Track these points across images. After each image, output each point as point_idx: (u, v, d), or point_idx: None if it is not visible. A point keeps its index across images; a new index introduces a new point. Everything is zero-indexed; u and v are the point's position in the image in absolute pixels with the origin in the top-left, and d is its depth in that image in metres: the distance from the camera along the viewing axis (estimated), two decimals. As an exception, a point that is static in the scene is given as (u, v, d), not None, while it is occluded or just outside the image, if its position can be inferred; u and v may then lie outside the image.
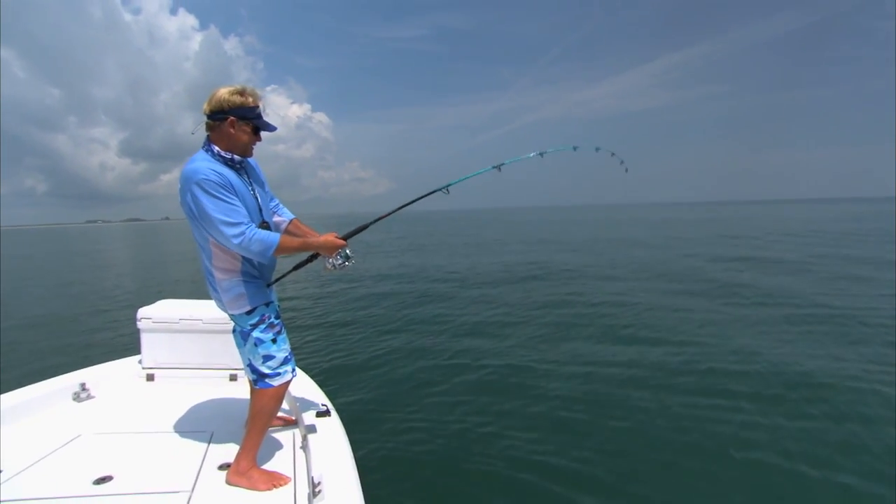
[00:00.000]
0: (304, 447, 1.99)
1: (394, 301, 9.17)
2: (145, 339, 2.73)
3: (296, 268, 2.09)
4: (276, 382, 1.88)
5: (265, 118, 1.86)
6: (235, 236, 1.68)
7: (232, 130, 1.77)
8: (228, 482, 1.80)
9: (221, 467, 1.89)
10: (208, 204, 1.67)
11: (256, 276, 1.88)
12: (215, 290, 1.87)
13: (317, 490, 1.57)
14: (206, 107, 1.77)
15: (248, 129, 1.80)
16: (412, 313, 8.06)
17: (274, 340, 1.89)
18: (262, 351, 1.87)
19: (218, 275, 1.82)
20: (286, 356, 1.93)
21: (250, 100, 1.78)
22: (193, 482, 1.78)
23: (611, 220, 47.18)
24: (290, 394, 2.48)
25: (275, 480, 1.78)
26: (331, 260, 1.95)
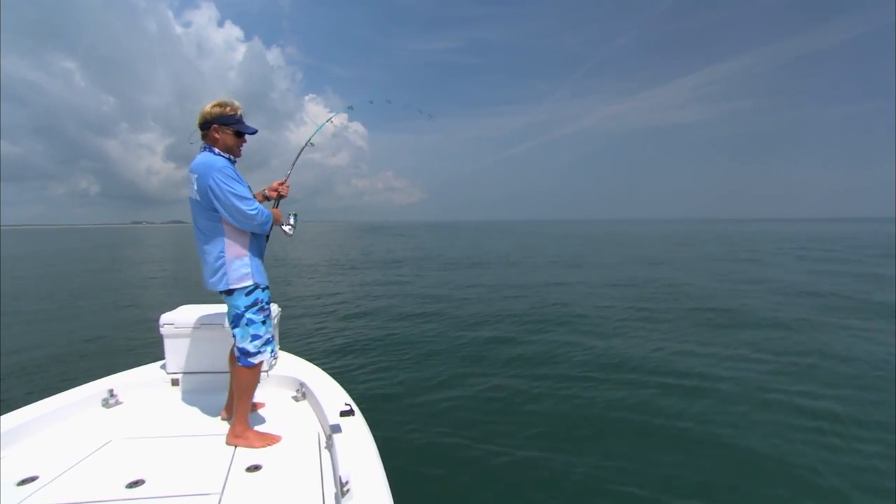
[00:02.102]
0: (330, 447, 2.00)
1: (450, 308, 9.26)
2: (169, 345, 2.77)
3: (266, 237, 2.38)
4: (256, 360, 2.18)
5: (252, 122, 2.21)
6: (252, 209, 2.05)
7: (217, 136, 2.11)
8: (228, 443, 2.10)
9: (249, 469, 1.92)
10: (232, 185, 2.02)
11: (258, 255, 2.21)
12: (222, 269, 2.09)
13: (345, 489, 1.57)
14: (197, 121, 2.12)
15: (230, 133, 2.13)
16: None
17: (263, 322, 2.21)
18: (251, 330, 2.17)
19: (229, 253, 2.09)
20: (269, 338, 2.24)
21: (228, 109, 2.12)
22: (223, 484, 1.80)
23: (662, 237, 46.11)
24: (311, 391, 2.54)
25: (268, 439, 2.11)
26: (285, 227, 2.34)
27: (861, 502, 3.00)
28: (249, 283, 2.13)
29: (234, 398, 2.20)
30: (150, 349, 6.29)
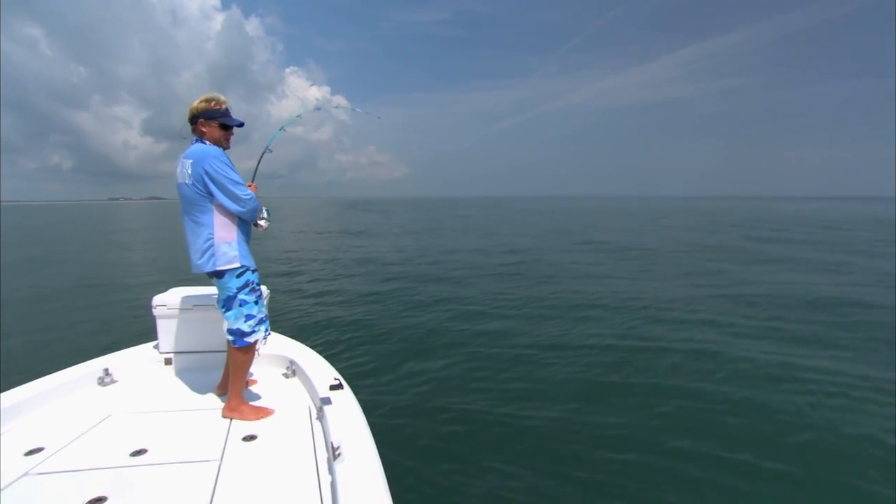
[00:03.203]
0: (321, 417, 2.13)
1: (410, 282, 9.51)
2: (161, 326, 2.85)
3: None
4: (251, 339, 2.30)
5: (233, 115, 2.33)
6: (245, 194, 2.21)
7: (204, 129, 2.24)
8: (224, 416, 2.24)
9: (245, 439, 2.04)
10: (227, 171, 2.17)
11: (246, 241, 2.33)
12: (210, 250, 2.19)
13: (337, 454, 1.68)
14: (186, 116, 2.26)
15: (216, 126, 2.26)
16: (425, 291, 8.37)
17: (256, 302, 2.33)
18: (245, 310, 2.29)
19: (218, 236, 2.20)
20: (262, 317, 2.36)
21: (213, 104, 2.25)
22: (222, 452, 1.92)
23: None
24: (301, 368, 2.67)
25: (261, 412, 2.25)
26: (259, 221, 2.45)
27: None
28: (237, 264, 2.24)
29: (230, 375, 2.33)
30: (138, 330, 6.32)
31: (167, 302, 2.82)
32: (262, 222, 2.47)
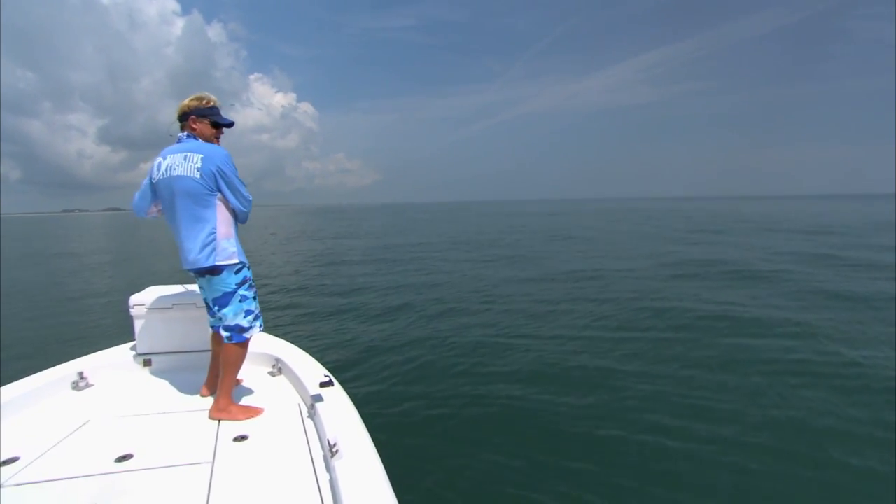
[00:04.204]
0: (313, 415, 2.08)
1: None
2: (139, 326, 2.75)
3: None
4: (249, 335, 2.31)
5: (227, 114, 2.36)
6: (250, 195, 2.28)
7: (195, 126, 2.25)
8: (212, 417, 2.16)
9: (236, 439, 1.97)
10: (235, 170, 2.22)
11: (239, 238, 2.34)
12: (210, 246, 2.17)
13: (334, 450, 1.66)
14: (176, 113, 2.28)
15: (207, 123, 2.28)
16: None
17: (254, 297, 2.37)
18: (245, 306, 2.29)
19: (220, 232, 2.21)
20: (258, 312, 2.38)
21: (204, 102, 2.27)
22: (213, 454, 1.85)
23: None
24: (287, 366, 2.61)
25: (250, 412, 2.20)
26: None
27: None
28: (236, 260, 2.25)
29: (221, 373, 2.27)
30: (108, 333, 6.12)
31: (145, 301, 2.72)
32: None
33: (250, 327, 2.30)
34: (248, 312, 2.30)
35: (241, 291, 2.28)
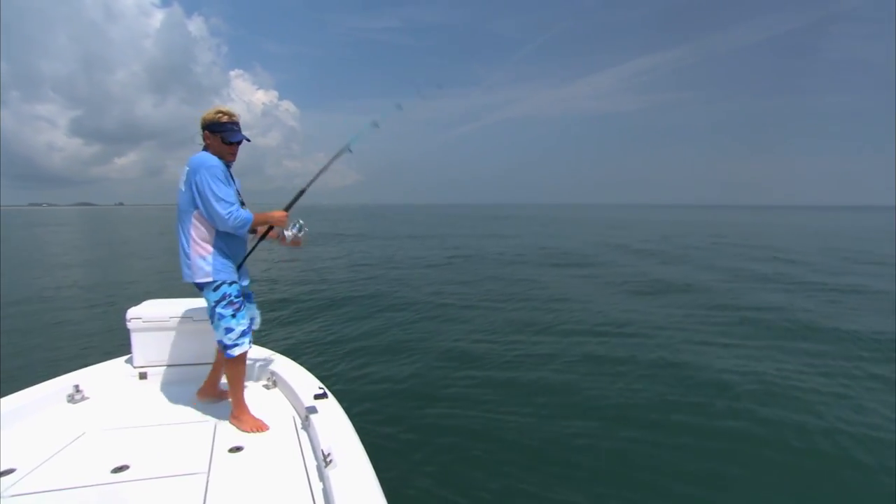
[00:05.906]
0: (307, 427, 2.12)
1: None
2: (136, 339, 2.75)
3: (260, 240, 2.49)
4: (236, 352, 2.30)
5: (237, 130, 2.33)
6: (226, 211, 2.15)
7: (208, 140, 2.29)
8: (231, 423, 2.28)
9: (232, 450, 2.01)
10: (215, 184, 2.15)
11: (227, 254, 2.28)
12: (187, 261, 2.24)
13: (328, 460, 1.69)
14: (199, 124, 2.31)
15: (219, 139, 2.28)
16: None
17: (233, 315, 2.29)
18: (223, 324, 2.27)
19: (193, 243, 2.21)
20: (244, 329, 2.33)
21: (220, 117, 2.28)
22: (208, 464, 1.88)
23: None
24: (282, 379, 2.65)
25: (257, 425, 2.24)
26: (287, 232, 2.42)
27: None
28: (211, 279, 2.23)
29: (229, 385, 2.37)
30: (103, 346, 5.92)
31: (142, 314, 2.74)
32: (287, 233, 2.43)
33: (234, 345, 2.28)
34: (227, 330, 2.27)
35: (219, 310, 2.26)
